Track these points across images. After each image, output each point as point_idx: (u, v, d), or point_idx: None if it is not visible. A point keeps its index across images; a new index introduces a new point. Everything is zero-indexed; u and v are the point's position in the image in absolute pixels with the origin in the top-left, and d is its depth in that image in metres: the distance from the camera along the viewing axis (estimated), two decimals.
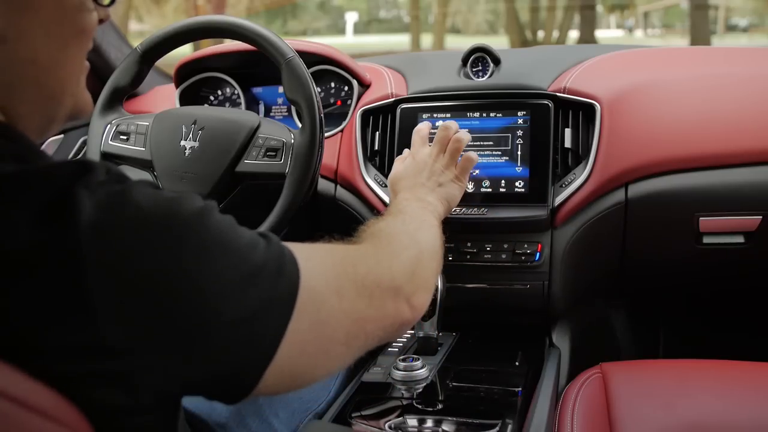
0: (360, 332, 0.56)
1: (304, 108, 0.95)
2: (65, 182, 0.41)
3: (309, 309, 0.50)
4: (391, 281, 0.60)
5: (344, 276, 0.56)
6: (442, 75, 1.20)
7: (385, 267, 0.61)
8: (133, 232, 0.42)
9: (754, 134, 1.06)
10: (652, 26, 11.69)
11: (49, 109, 0.50)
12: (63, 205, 0.40)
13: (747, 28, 10.39)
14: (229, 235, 0.48)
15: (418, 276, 0.66)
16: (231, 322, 0.45)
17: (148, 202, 0.43)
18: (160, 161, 1.01)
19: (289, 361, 0.49)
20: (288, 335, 0.48)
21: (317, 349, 0.52)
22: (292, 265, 0.51)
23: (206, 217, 0.47)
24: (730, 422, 0.83)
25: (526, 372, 0.97)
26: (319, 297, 0.52)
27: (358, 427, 0.83)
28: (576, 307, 1.17)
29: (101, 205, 0.41)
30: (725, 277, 1.23)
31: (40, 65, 0.47)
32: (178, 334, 0.43)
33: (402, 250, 0.67)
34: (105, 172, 0.44)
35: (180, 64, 1.34)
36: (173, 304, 0.43)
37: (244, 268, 0.47)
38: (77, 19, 0.49)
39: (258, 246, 0.49)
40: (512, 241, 1.07)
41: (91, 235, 0.40)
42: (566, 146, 1.09)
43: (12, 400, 0.37)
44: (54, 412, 0.39)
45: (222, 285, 0.45)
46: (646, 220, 1.09)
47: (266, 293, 0.48)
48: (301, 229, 1.26)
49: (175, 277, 0.43)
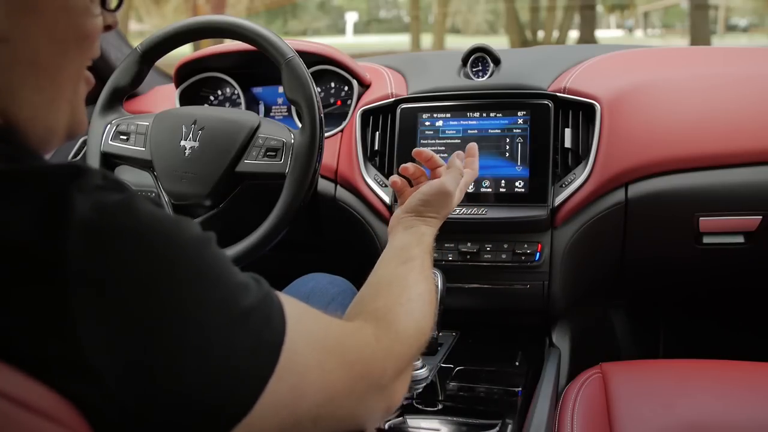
0: (331, 416, 0.51)
1: (304, 108, 0.95)
2: (59, 183, 0.40)
3: (290, 372, 0.46)
4: (380, 379, 0.56)
5: (332, 354, 0.51)
6: (442, 75, 1.20)
7: (378, 363, 0.57)
8: (127, 242, 0.40)
9: (754, 134, 1.06)
10: (652, 26, 11.69)
11: (48, 116, 0.49)
12: (55, 206, 0.39)
13: (747, 28, 10.40)
14: (224, 270, 0.45)
15: (407, 373, 0.62)
16: (212, 361, 0.42)
17: (148, 216, 0.42)
18: (160, 161, 1.01)
19: (260, 424, 0.45)
20: (265, 395, 0.45)
21: (288, 419, 0.47)
22: (280, 320, 0.48)
23: (204, 247, 0.45)
24: (730, 422, 0.83)
25: (526, 372, 0.97)
26: (301, 363, 0.48)
27: None
28: (576, 307, 1.17)
29: (97, 209, 0.40)
30: (725, 277, 1.23)
31: (41, 67, 0.47)
32: (150, 359, 0.40)
33: (402, 342, 0.62)
34: (101, 178, 0.42)
35: (180, 64, 1.34)
36: (154, 326, 0.40)
37: (233, 307, 0.44)
38: (81, 23, 0.49)
39: (250, 289, 0.47)
40: (512, 241, 1.07)
41: (80, 237, 0.38)
42: (566, 146, 1.09)
43: (12, 400, 0.37)
44: (54, 412, 0.39)
45: (208, 319, 0.42)
46: (646, 220, 1.09)
47: (252, 340, 0.45)
48: (301, 229, 1.26)
49: (161, 299, 0.41)
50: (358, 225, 1.17)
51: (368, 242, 1.17)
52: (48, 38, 0.47)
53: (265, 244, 0.94)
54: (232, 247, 0.95)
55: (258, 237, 0.94)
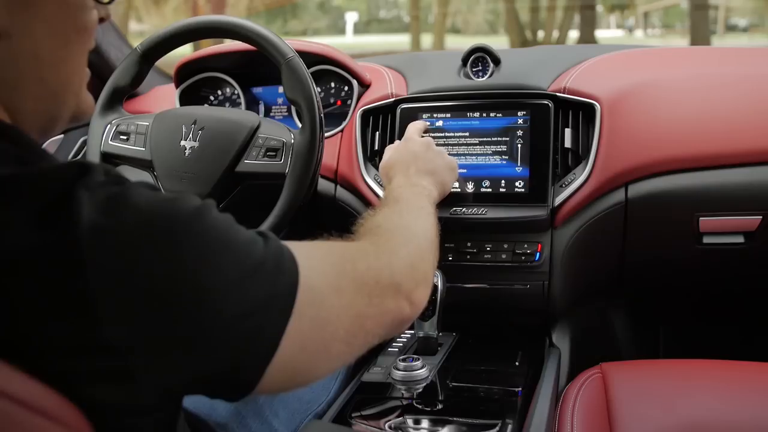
0: (360, 330, 0.56)
1: (304, 108, 0.95)
2: (65, 183, 0.42)
3: (309, 306, 0.50)
4: (390, 278, 0.60)
5: (343, 274, 0.56)
6: (442, 75, 1.20)
7: (384, 264, 0.61)
8: (132, 232, 0.42)
9: (753, 134, 1.06)
10: (652, 26, 11.69)
11: (53, 108, 0.51)
12: (63, 207, 0.40)
13: (747, 28, 10.39)
14: (227, 232, 0.48)
15: (417, 271, 0.66)
16: (231, 318, 0.45)
17: (146, 203, 0.44)
18: (160, 161, 1.01)
19: (291, 358, 0.49)
20: (288, 332, 0.48)
21: (318, 347, 0.52)
22: (291, 263, 0.51)
23: (204, 216, 0.47)
24: (730, 422, 0.83)
25: (526, 372, 0.97)
26: (318, 295, 0.52)
27: (358, 427, 0.83)
28: (576, 307, 1.17)
29: (101, 206, 0.42)
30: (725, 277, 1.23)
31: (43, 61, 0.48)
32: (178, 331, 0.43)
33: (401, 246, 0.67)
34: (104, 173, 0.44)
35: (180, 64, 1.34)
36: (173, 302, 0.43)
37: (243, 264, 0.47)
38: (79, 16, 0.50)
39: (256, 243, 0.49)
40: (512, 241, 1.07)
41: (91, 235, 0.40)
42: (566, 146, 1.09)
43: (12, 400, 0.37)
44: (54, 412, 0.39)
45: (221, 282, 0.45)
46: (646, 221, 1.09)
47: (266, 290, 0.48)
48: (301, 229, 1.26)
49: (175, 276, 0.43)
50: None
51: None
52: (48, 32, 0.48)
53: None
54: None
55: None
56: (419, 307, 0.65)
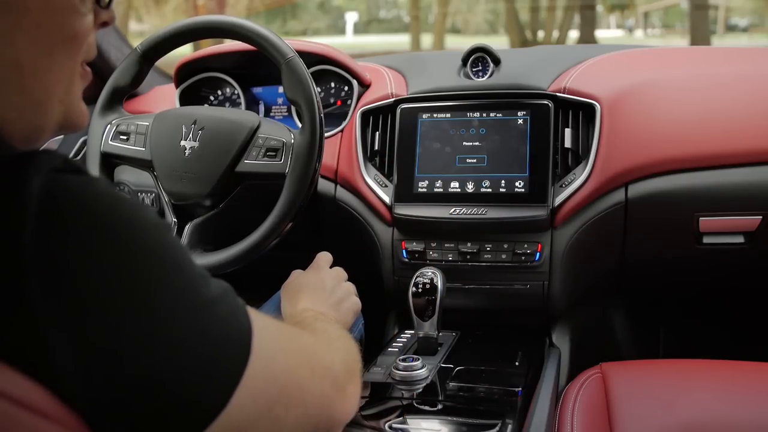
0: (300, 402, 0.51)
1: (304, 108, 0.95)
2: (18, 168, 0.39)
3: (262, 358, 0.46)
4: (330, 364, 0.57)
5: (293, 342, 0.54)
6: (442, 75, 1.20)
7: (322, 350, 0.59)
8: (83, 220, 0.40)
9: (753, 134, 1.06)
10: (652, 26, 11.69)
11: (36, 117, 0.48)
12: (13, 189, 0.38)
13: (747, 28, 10.39)
14: (183, 258, 0.45)
15: (350, 369, 0.62)
16: (183, 350, 0.41)
17: (106, 196, 0.41)
18: (160, 161, 1.01)
19: (240, 413, 0.44)
20: (244, 380, 0.44)
21: (266, 405, 0.48)
22: (243, 311, 0.48)
23: (163, 233, 0.44)
24: (730, 422, 0.83)
25: (526, 372, 0.97)
26: (270, 349, 0.48)
27: (358, 427, 0.83)
28: (576, 307, 1.17)
29: (52, 188, 0.39)
30: (725, 277, 1.23)
31: (24, 69, 0.45)
32: (113, 342, 0.39)
33: (333, 341, 0.64)
34: (62, 162, 0.42)
35: (180, 64, 1.34)
36: (111, 307, 0.39)
37: (197, 295, 0.44)
38: (66, 23, 0.47)
39: (210, 281, 0.46)
40: (512, 241, 1.07)
41: (36, 215, 0.38)
42: (566, 146, 1.09)
43: (12, 400, 0.37)
44: (54, 412, 0.39)
45: (170, 304, 0.42)
46: (646, 220, 1.09)
47: (221, 329, 0.44)
48: (301, 229, 1.26)
49: (119, 280, 0.40)
50: (358, 225, 1.17)
51: (368, 242, 1.17)
52: (30, 39, 0.45)
53: (264, 244, 0.94)
54: (232, 247, 0.95)
55: (258, 237, 0.94)
56: (351, 405, 0.60)
